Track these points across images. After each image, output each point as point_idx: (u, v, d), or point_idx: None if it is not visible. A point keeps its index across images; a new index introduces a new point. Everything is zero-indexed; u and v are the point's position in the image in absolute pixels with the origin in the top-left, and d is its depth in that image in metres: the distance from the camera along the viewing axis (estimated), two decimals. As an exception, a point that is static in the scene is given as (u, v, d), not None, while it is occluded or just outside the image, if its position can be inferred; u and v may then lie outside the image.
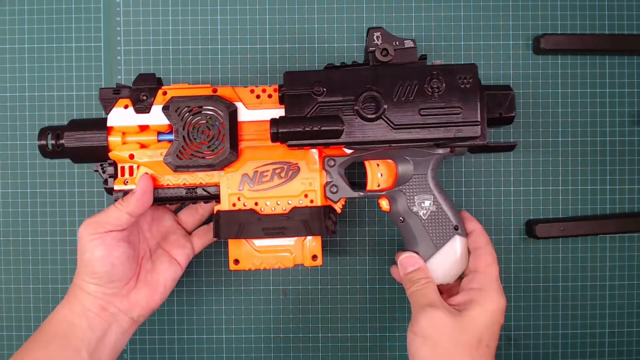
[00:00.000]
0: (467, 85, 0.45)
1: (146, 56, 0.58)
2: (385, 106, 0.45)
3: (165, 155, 0.47)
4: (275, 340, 0.59)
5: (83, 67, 0.58)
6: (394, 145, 0.46)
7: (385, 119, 0.45)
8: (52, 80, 0.58)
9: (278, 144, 0.46)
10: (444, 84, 0.45)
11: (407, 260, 0.49)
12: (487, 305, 0.45)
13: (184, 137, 0.47)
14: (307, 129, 0.45)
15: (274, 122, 0.45)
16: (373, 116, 0.45)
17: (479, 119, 0.45)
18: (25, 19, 0.58)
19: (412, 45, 0.46)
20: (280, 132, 0.45)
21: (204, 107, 0.47)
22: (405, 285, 0.49)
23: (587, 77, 0.58)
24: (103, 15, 0.58)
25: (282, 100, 0.46)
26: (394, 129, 0.45)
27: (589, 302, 0.59)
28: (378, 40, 0.46)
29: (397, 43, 0.46)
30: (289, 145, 0.46)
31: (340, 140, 0.45)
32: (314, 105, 0.45)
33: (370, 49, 0.46)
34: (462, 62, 0.58)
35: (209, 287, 0.59)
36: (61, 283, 0.59)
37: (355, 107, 0.45)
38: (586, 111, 0.58)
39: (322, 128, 0.45)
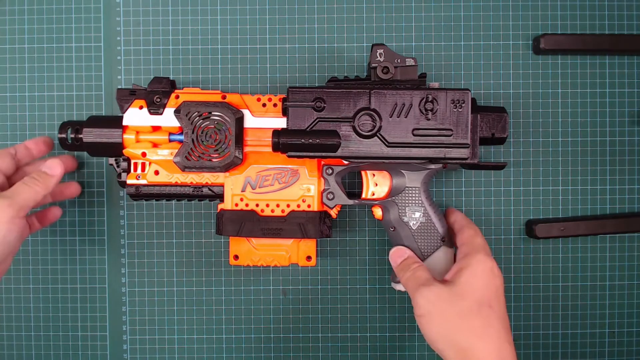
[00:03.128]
0: (460, 109, 0.48)
1: (146, 56, 0.58)
2: (381, 124, 0.48)
3: (175, 156, 0.50)
4: (275, 340, 0.59)
5: (83, 67, 0.58)
6: (387, 160, 0.49)
7: (380, 136, 0.48)
8: (52, 80, 0.58)
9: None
10: (437, 106, 0.48)
11: (395, 253, 0.51)
12: (476, 268, 0.45)
13: (192, 140, 0.49)
14: (306, 141, 0.48)
15: (275, 133, 0.48)
16: (368, 133, 0.48)
17: (468, 142, 0.48)
18: (25, 19, 0.58)
19: (413, 64, 0.49)
20: (281, 142, 0.48)
21: (212, 113, 0.49)
22: (399, 275, 0.50)
23: (587, 77, 0.58)
24: (103, 15, 0.58)
25: (284, 112, 0.49)
26: (387, 146, 0.48)
27: (589, 302, 0.59)
28: (380, 57, 0.49)
29: (398, 60, 0.49)
30: (289, 156, 0.49)
31: (336, 154, 0.48)
32: (314, 119, 0.48)
33: (373, 64, 0.49)
34: (457, 85, 0.58)
35: (209, 287, 0.59)
36: (61, 283, 0.59)
37: (352, 124, 0.48)
38: (586, 111, 0.58)
39: (320, 142, 0.48)
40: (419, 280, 0.47)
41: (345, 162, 0.51)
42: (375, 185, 0.53)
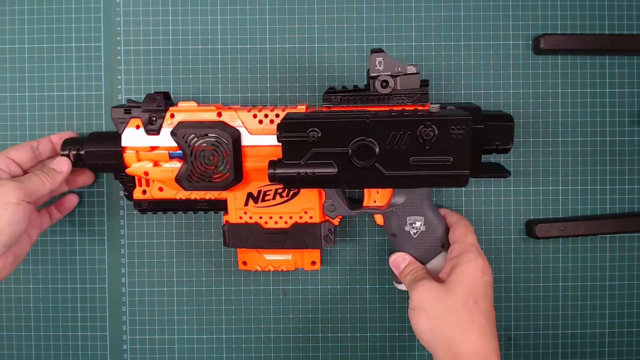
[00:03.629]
0: (459, 135, 0.44)
1: (146, 56, 0.58)
2: (378, 154, 0.45)
3: (176, 177, 0.50)
4: (275, 340, 0.59)
5: (83, 67, 0.58)
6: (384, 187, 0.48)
7: (377, 166, 0.46)
8: (52, 80, 0.58)
9: None
10: (436, 133, 0.44)
11: (397, 260, 0.52)
12: (466, 267, 0.47)
13: (192, 162, 0.49)
14: (301, 173, 0.46)
15: (271, 164, 0.47)
16: (365, 164, 0.46)
17: (467, 171, 0.45)
18: (25, 19, 0.58)
19: (414, 72, 0.46)
20: (277, 175, 0.47)
21: (209, 135, 0.49)
22: (402, 279, 0.52)
23: (587, 77, 0.58)
24: (103, 15, 0.58)
25: (279, 140, 0.47)
26: (384, 175, 0.46)
27: (589, 302, 0.59)
28: (380, 65, 0.46)
29: (399, 69, 0.46)
30: (285, 187, 0.48)
31: (333, 185, 0.47)
32: (309, 151, 0.46)
33: (372, 74, 0.46)
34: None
35: (209, 287, 0.59)
36: (61, 283, 0.59)
37: (349, 154, 0.46)
38: (586, 111, 0.58)
39: (317, 174, 0.46)
40: (416, 278, 0.49)
41: None
42: (377, 192, 0.52)
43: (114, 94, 0.58)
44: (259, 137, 0.50)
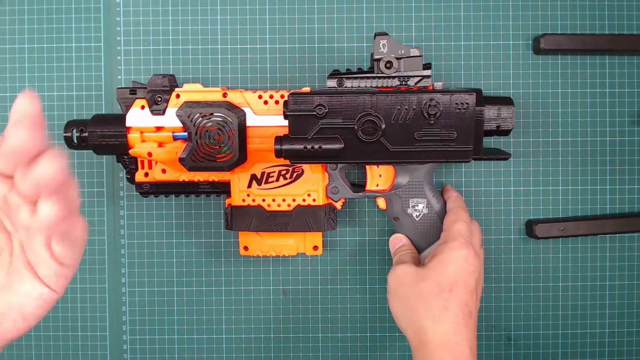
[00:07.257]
0: (463, 111, 0.46)
1: (146, 56, 0.58)
2: (383, 129, 0.47)
3: (180, 157, 0.49)
4: (275, 340, 0.59)
5: (83, 67, 0.58)
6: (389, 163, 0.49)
7: (382, 141, 0.47)
8: (52, 80, 0.58)
9: None
10: (441, 109, 0.46)
11: (394, 240, 0.53)
12: (446, 255, 0.46)
13: (196, 141, 0.49)
14: (308, 148, 0.47)
15: (278, 140, 0.47)
16: (371, 138, 0.47)
17: (471, 146, 0.47)
18: (25, 19, 0.58)
19: (418, 54, 0.48)
20: (283, 150, 0.47)
21: (214, 114, 0.49)
22: (393, 260, 0.53)
23: (587, 77, 0.58)
24: (103, 15, 0.58)
25: (285, 117, 0.48)
26: (390, 150, 0.47)
27: (589, 302, 0.59)
28: (384, 48, 0.47)
29: (402, 51, 0.48)
30: (292, 162, 0.48)
31: (339, 160, 0.48)
32: (315, 126, 0.47)
33: (376, 57, 0.48)
34: (457, 85, 0.58)
35: (209, 287, 0.59)
36: (61, 283, 0.59)
37: (355, 129, 0.47)
38: (586, 111, 0.58)
39: (323, 148, 0.47)
40: (398, 261, 0.50)
41: None
42: (380, 176, 0.53)
43: (114, 93, 0.58)
44: (264, 118, 0.50)
